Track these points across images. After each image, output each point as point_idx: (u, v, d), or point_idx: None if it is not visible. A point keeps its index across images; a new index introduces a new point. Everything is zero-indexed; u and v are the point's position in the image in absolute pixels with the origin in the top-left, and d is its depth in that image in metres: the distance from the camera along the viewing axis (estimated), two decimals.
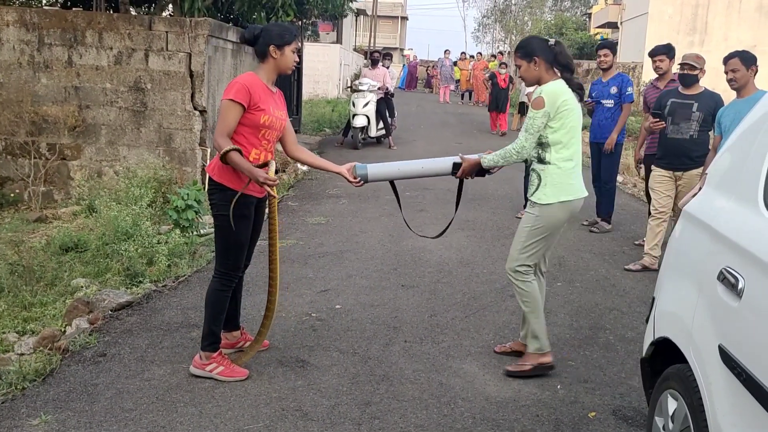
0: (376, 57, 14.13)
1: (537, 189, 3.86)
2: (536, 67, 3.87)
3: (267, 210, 3.98)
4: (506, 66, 17.16)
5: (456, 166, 3.96)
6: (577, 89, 3.88)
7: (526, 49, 3.90)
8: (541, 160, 3.84)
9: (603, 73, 7.49)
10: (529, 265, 3.94)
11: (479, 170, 3.96)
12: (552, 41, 3.91)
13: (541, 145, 3.82)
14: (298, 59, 3.90)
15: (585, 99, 7.60)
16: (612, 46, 7.57)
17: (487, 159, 3.91)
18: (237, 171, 3.62)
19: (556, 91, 3.78)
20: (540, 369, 3.93)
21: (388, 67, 14.42)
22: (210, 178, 3.71)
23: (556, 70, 3.89)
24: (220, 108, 3.65)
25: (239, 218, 3.70)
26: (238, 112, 3.59)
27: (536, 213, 3.88)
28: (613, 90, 7.28)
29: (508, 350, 4.22)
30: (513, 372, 3.93)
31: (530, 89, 8.00)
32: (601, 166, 7.47)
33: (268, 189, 3.63)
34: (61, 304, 4.88)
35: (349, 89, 14.32)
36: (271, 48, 3.69)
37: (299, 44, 3.86)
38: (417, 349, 4.24)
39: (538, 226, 3.87)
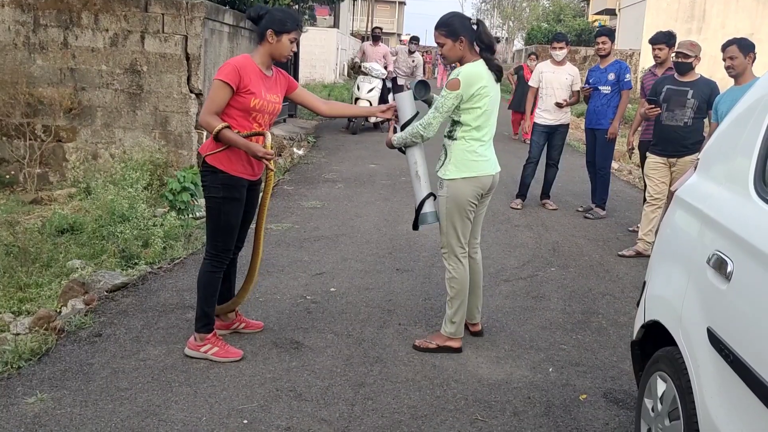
0: (377, 33, 13.99)
1: (442, 165, 3.90)
2: (461, 47, 3.82)
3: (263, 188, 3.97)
4: (536, 58, 13.28)
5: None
6: (496, 71, 3.84)
7: (451, 28, 3.80)
8: (451, 137, 3.87)
9: (601, 60, 7.50)
10: (459, 248, 3.95)
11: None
12: (474, 19, 3.89)
13: (453, 122, 3.86)
14: (295, 49, 3.88)
15: (582, 85, 7.61)
16: (610, 34, 7.59)
17: (395, 138, 3.92)
18: (229, 154, 3.62)
19: (474, 74, 3.75)
20: (446, 350, 4.00)
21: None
22: (203, 161, 3.71)
23: (477, 49, 3.86)
24: (211, 87, 3.64)
25: (231, 201, 3.71)
26: (227, 93, 3.57)
27: (443, 193, 3.91)
28: (611, 76, 7.29)
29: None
30: (418, 347, 4.01)
31: (533, 84, 8.03)
32: (597, 153, 7.48)
33: (267, 162, 3.64)
34: (56, 285, 4.91)
35: (353, 70, 14.11)
36: (269, 32, 3.66)
37: (300, 34, 3.82)
38: (411, 332, 4.27)
39: (448, 206, 3.89)
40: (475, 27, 3.82)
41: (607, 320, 4.64)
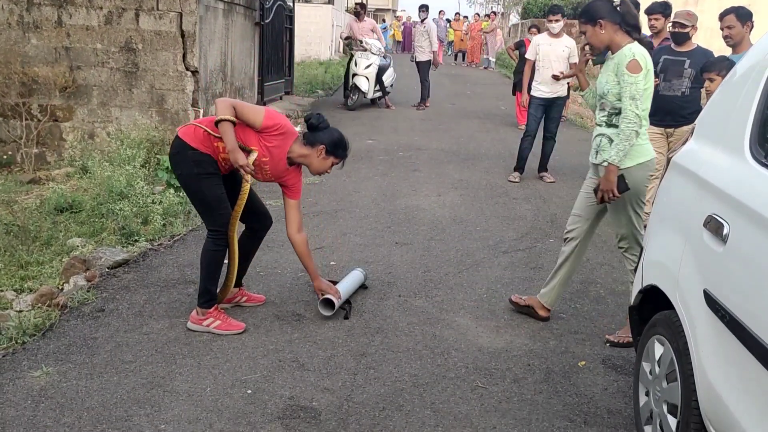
0: (357, 9, 13.72)
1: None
2: (602, 30, 3.66)
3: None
4: (537, 31, 10.69)
5: (594, 192, 3.81)
6: (649, 48, 3.73)
7: (589, 13, 3.69)
8: (612, 124, 3.70)
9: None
10: (641, 236, 3.80)
11: (620, 179, 3.67)
12: (617, 1, 3.71)
13: (613, 110, 3.69)
14: (330, 171, 3.98)
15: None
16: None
17: (614, 155, 3.60)
18: (205, 138, 3.66)
19: (644, 54, 3.62)
20: (629, 345, 3.80)
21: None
22: (176, 137, 3.71)
23: (625, 32, 3.69)
24: (256, 105, 3.67)
25: (208, 176, 3.71)
26: (257, 122, 3.62)
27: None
28: None
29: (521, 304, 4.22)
30: (613, 342, 3.86)
31: (529, 56, 7.89)
32: None
33: (243, 172, 3.66)
34: (57, 263, 4.92)
35: (348, 47, 13.85)
36: (321, 147, 3.78)
37: (341, 164, 4.02)
38: (411, 303, 4.32)
39: (626, 196, 3.73)
40: (618, 8, 3.67)
41: (605, 289, 4.68)
